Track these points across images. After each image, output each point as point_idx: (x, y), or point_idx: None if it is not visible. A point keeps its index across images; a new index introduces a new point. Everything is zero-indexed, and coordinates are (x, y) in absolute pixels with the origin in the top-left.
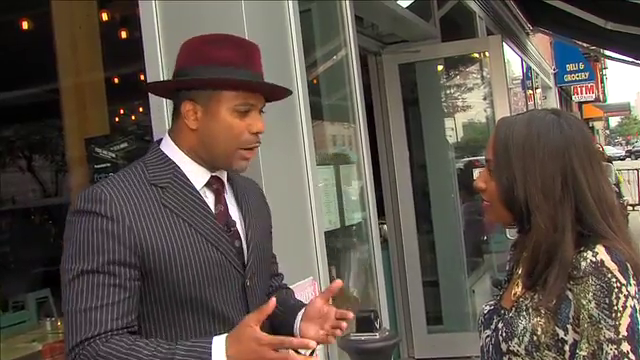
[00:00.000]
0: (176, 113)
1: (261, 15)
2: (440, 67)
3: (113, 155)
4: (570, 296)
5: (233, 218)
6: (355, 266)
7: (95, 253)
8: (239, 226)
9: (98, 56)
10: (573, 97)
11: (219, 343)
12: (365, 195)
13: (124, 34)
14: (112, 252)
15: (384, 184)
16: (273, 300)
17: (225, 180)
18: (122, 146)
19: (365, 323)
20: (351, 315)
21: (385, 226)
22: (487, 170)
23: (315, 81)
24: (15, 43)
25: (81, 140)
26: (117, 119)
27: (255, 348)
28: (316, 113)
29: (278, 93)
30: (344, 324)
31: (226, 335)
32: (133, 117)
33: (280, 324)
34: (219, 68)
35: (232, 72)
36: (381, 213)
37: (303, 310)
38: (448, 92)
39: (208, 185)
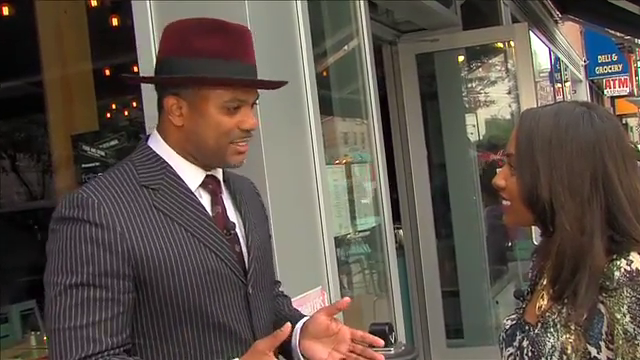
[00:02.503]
0: (160, 107)
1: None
2: (461, 58)
3: (102, 153)
4: (602, 310)
5: (232, 220)
6: (368, 275)
7: (84, 264)
8: (238, 229)
9: (86, 45)
10: (605, 91)
11: None
12: (379, 197)
13: (115, 21)
14: (103, 262)
15: (400, 185)
16: (288, 325)
17: (221, 179)
18: (112, 144)
19: (379, 337)
20: (381, 342)
21: (401, 231)
22: (508, 165)
23: (325, 73)
24: None
25: (68, 137)
26: (108, 115)
27: None
28: (326, 108)
29: (271, 85)
30: (380, 356)
31: None
32: (126, 112)
33: None
34: (207, 60)
35: (220, 65)
36: (396, 217)
37: (301, 324)
38: (470, 85)
39: (203, 185)
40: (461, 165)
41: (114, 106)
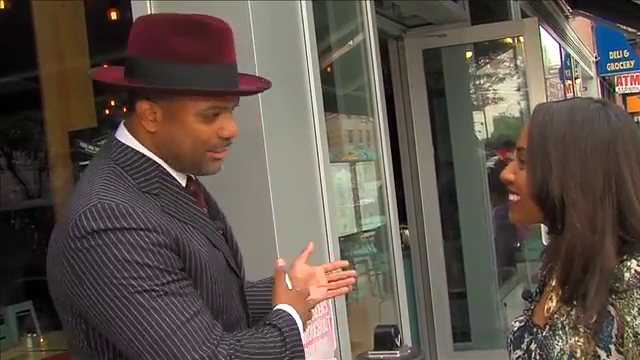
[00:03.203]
0: (131, 107)
1: None
2: (469, 53)
3: None
4: (612, 312)
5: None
6: (373, 276)
7: (159, 263)
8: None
9: (83, 39)
10: (616, 88)
11: (290, 309)
12: (385, 197)
13: (113, 15)
14: (172, 259)
15: (406, 184)
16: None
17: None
18: None
19: (384, 340)
20: (346, 263)
21: (407, 231)
22: (517, 160)
23: (329, 69)
24: None
25: (65, 134)
26: (106, 111)
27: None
28: (330, 105)
29: (255, 91)
30: (351, 272)
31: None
32: (124, 109)
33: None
34: (186, 66)
35: (202, 71)
36: (402, 217)
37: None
38: (478, 82)
39: (186, 188)
40: (469, 164)
41: (112, 102)
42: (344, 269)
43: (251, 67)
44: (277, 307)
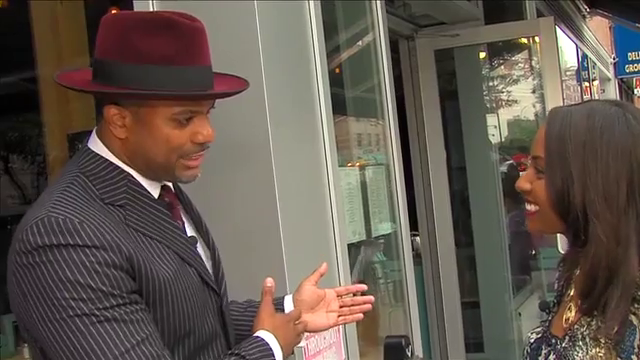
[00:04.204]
0: (100, 112)
1: None
2: (482, 54)
3: None
4: (635, 322)
5: (192, 235)
6: (383, 284)
7: (104, 285)
8: (199, 244)
9: (83, 38)
10: (635, 90)
11: (269, 337)
12: (395, 202)
13: (114, 12)
14: (120, 280)
15: (417, 190)
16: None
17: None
18: None
19: (395, 351)
20: (364, 287)
21: (418, 238)
22: (533, 169)
23: (337, 70)
24: None
25: (64, 137)
26: None
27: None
28: (339, 107)
29: (230, 93)
30: (369, 299)
31: (268, 330)
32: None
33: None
34: (154, 68)
35: (171, 73)
36: (413, 223)
37: (288, 301)
38: (491, 84)
39: (160, 199)
40: (482, 168)
41: None
42: (362, 293)
43: (257, 68)
44: (255, 334)
